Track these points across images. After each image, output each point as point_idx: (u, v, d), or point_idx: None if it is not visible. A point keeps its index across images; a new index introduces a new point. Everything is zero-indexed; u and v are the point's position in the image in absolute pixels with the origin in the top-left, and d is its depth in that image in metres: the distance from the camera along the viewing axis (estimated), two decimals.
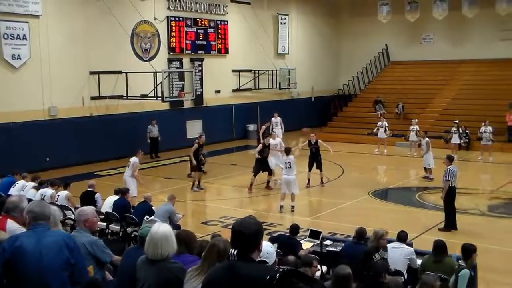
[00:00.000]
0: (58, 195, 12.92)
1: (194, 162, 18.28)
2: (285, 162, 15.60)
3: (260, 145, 18.42)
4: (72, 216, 10.95)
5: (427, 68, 33.87)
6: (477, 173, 22.25)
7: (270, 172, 18.35)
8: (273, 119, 26.00)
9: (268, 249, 5.81)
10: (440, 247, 8.54)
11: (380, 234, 8.55)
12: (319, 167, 18.69)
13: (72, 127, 22.36)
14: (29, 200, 10.33)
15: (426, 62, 34.19)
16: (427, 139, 19.90)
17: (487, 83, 30.36)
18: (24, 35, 20.68)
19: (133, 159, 16.07)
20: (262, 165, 18.17)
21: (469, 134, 25.77)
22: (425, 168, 19.68)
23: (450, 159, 13.89)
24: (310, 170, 18.68)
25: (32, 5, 20.83)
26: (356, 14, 36.80)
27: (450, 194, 13.42)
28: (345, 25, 37.84)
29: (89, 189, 13.33)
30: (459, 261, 8.43)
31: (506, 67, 31.02)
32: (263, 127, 24.23)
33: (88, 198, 12.76)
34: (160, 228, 4.80)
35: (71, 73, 22.36)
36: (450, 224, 13.49)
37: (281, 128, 25.98)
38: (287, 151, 15.87)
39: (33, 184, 13.68)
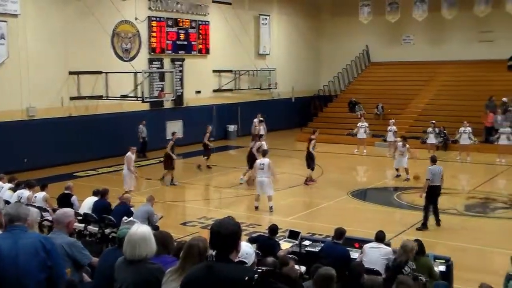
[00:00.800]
0: (36, 197, 12.81)
1: (174, 156, 19.16)
2: (259, 164, 15.77)
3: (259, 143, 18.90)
4: (50, 218, 10.87)
5: (407, 69, 34.19)
6: (455, 173, 22.47)
7: None
8: (255, 120, 25.99)
9: (247, 250, 5.84)
10: (417, 246, 8.64)
11: (410, 247, 8.30)
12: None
13: (51, 127, 22.15)
14: (6, 201, 10.29)
15: (406, 63, 34.50)
16: (407, 145, 20.09)
17: (466, 84, 30.74)
18: (2, 34, 20.45)
19: (127, 154, 16.96)
20: None
21: (447, 135, 26.04)
22: (397, 169, 19.94)
23: (432, 160, 14.34)
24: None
25: (11, 4, 20.60)
26: (337, 15, 36.99)
27: (428, 193, 13.74)
28: (326, 26, 38.01)
29: (65, 192, 13.21)
30: None
31: (484, 68, 31.46)
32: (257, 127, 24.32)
33: (64, 201, 12.65)
34: (139, 229, 4.80)
35: (50, 73, 22.16)
36: (424, 223, 13.81)
37: (264, 128, 26.02)
38: (264, 153, 16.16)
39: (9, 185, 13.53)
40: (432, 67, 33.46)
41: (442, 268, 8.94)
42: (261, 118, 26.00)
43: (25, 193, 12.73)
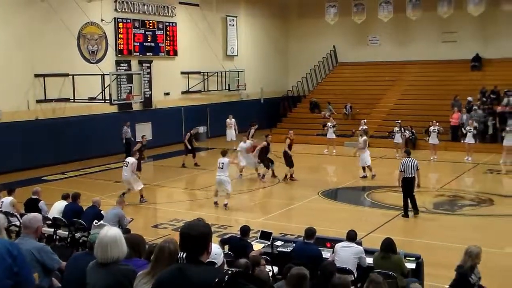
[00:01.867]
0: (3, 201, 12.57)
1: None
2: (219, 163, 16.06)
3: (264, 143, 19.58)
4: (18, 223, 10.67)
5: (374, 69, 34.56)
6: (424, 171, 22.72)
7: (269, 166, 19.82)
8: (227, 120, 26.17)
9: (215, 250, 5.81)
10: (388, 245, 8.72)
11: (475, 252, 7.62)
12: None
13: (18, 131, 21.79)
14: None
15: (373, 63, 34.87)
16: (365, 137, 20.34)
17: (431, 84, 31.21)
18: None
19: (132, 159, 16.97)
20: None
21: (415, 134, 26.37)
22: (363, 168, 20.12)
23: (407, 153, 15.57)
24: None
25: None
26: (304, 16, 37.16)
27: (403, 184, 14.85)
28: (293, 27, 38.18)
29: (33, 196, 12.99)
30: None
31: (448, 68, 32.04)
32: (252, 129, 24.14)
33: (32, 206, 12.44)
34: (109, 231, 4.76)
35: (15, 75, 21.79)
36: (405, 212, 14.85)
37: (235, 129, 26.15)
38: (223, 153, 16.40)
39: None
40: (398, 67, 33.92)
41: (412, 265, 9.04)
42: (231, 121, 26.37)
43: None
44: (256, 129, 24.68)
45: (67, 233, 11.64)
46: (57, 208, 12.46)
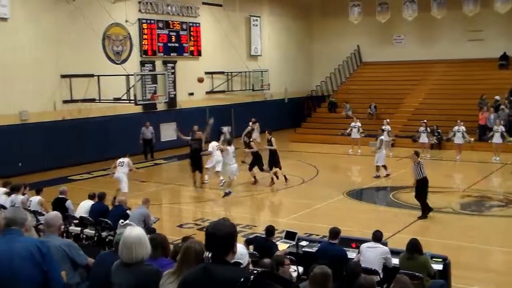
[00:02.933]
0: (31, 201, 12.76)
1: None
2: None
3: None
4: None
5: (399, 69, 34.29)
6: (450, 171, 22.56)
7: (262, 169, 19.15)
8: (250, 123, 25.27)
9: (241, 251, 5.80)
10: (414, 245, 8.63)
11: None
12: (276, 165, 18.96)
13: (44, 131, 22.07)
14: (1, 206, 10.24)
15: (397, 63, 34.59)
16: (381, 137, 20.19)
17: (457, 83, 30.86)
18: None
19: (127, 159, 17.03)
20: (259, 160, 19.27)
21: (441, 133, 26.09)
22: (376, 167, 19.97)
23: (417, 154, 14.97)
24: (271, 169, 18.95)
25: (0, 8, 20.50)
26: (327, 15, 37.04)
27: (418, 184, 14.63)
28: (317, 26, 38.04)
29: (60, 196, 13.14)
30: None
31: (474, 67, 31.66)
32: (249, 128, 24.06)
33: (59, 205, 12.59)
34: (133, 231, 4.77)
35: (42, 76, 22.08)
36: (424, 211, 14.57)
37: (257, 131, 25.47)
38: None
39: (4, 189, 13.45)
40: (423, 67, 33.56)
41: (439, 266, 8.93)
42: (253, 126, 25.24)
43: (19, 197, 12.65)
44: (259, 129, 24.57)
45: (93, 232, 11.77)
46: (84, 207, 12.60)
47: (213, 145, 18.81)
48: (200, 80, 25.84)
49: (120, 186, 16.61)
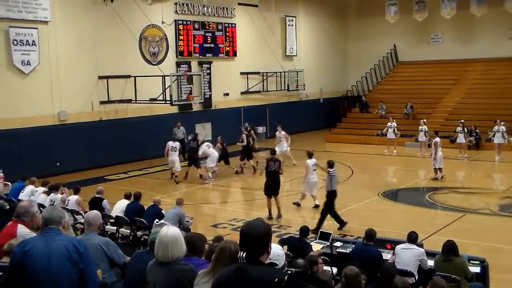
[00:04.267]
0: (69, 200, 13.00)
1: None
2: (310, 165, 15.95)
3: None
4: (82, 221, 10.99)
5: (436, 68, 33.76)
6: (489, 172, 22.14)
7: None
8: (277, 133, 23.28)
9: (277, 251, 5.81)
10: (450, 247, 8.50)
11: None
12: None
13: (82, 131, 22.44)
14: (40, 205, 10.44)
15: (434, 62, 34.08)
16: (436, 139, 19.80)
17: (496, 82, 30.22)
18: (33, 41, 20.78)
19: (178, 144, 20.63)
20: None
21: (479, 134, 25.63)
22: (435, 169, 19.63)
23: (329, 164, 14.30)
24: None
25: (41, 11, 20.94)
26: (363, 15, 36.76)
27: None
28: (353, 26, 37.80)
29: (97, 195, 13.36)
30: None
31: None
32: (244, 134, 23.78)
33: (96, 204, 12.80)
34: (169, 231, 4.83)
35: (80, 78, 22.46)
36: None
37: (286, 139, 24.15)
38: (310, 155, 16.31)
39: (43, 189, 13.75)
40: (462, 66, 33.00)
41: (477, 269, 8.77)
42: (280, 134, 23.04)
43: (58, 196, 12.92)
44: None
45: (129, 231, 11.93)
46: (120, 206, 12.77)
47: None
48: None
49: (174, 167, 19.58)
